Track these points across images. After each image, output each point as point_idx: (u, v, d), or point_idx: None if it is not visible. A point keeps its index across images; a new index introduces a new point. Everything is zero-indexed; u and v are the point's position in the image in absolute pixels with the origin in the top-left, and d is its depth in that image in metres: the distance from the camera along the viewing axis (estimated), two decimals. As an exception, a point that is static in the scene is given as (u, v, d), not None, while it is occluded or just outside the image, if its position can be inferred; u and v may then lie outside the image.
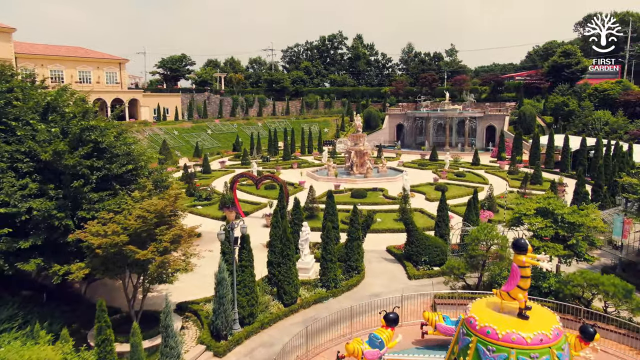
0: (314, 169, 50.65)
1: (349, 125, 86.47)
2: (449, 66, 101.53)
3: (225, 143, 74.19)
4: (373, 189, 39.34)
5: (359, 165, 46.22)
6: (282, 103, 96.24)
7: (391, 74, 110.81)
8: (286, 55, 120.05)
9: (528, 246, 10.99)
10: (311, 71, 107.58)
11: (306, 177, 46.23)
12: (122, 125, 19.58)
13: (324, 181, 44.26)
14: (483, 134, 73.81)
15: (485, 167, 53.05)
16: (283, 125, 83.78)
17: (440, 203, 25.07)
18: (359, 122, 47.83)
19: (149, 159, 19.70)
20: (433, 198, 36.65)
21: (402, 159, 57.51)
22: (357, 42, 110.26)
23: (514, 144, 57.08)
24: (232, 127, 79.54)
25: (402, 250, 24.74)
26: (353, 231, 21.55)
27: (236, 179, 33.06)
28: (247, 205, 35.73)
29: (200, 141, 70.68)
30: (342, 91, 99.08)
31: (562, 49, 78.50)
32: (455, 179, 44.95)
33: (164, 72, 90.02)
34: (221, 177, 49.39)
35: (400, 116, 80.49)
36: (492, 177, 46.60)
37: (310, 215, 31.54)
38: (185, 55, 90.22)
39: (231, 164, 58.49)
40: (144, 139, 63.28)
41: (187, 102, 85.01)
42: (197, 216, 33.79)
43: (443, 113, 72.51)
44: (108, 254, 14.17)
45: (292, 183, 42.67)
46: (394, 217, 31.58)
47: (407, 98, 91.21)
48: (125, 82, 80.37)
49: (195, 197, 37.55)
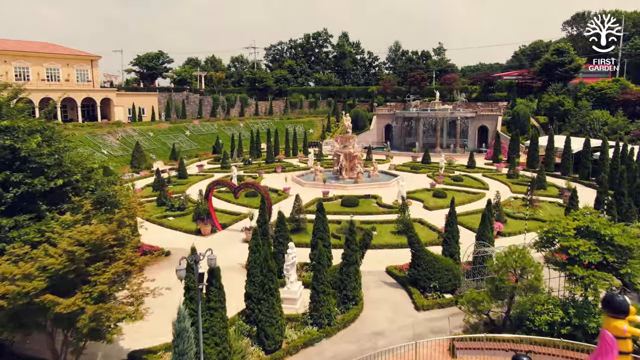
0: (300, 174, 46.82)
1: (335, 126, 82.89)
2: (437, 65, 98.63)
3: (205, 145, 69.86)
4: (365, 196, 35.66)
5: (348, 170, 42.53)
6: (265, 103, 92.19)
7: (378, 73, 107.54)
8: (269, 53, 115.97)
9: (630, 306, 7.32)
10: (295, 70, 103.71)
11: (291, 183, 42.37)
12: (55, 127, 15.28)
13: (310, 187, 40.47)
14: (475, 135, 70.87)
15: (481, 170, 49.85)
16: (266, 126, 79.81)
17: (449, 216, 21.49)
18: (348, 123, 44.11)
19: (95, 170, 15.51)
20: (432, 206, 33.11)
21: (393, 161, 53.96)
22: (343, 40, 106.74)
23: (511, 146, 54.05)
24: (212, 128, 75.23)
25: (405, 272, 21.10)
26: (349, 254, 17.78)
27: (212, 186, 29.03)
28: (224, 216, 31.71)
29: (178, 143, 66.28)
30: (327, 90, 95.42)
31: (555, 47, 76.10)
32: (453, 183, 41.55)
33: (140, 70, 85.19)
34: (198, 182, 45.24)
35: (388, 116, 77.13)
36: (491, 181, 43.33)
37: (296, 228, 27.73)
38: (162, 52, 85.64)
39: (210, 168, 54.35)
40: (115, 140, 58.74)
41: (165, 102, 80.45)
42: (168, 229, 29.72)
43: (433, 113, 69.33)
44: (16, 306, 10.13)
45: (276, 190, 38.77)
46: (392, 229, 27.96)
47: (395, 98, 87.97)
48: (97, 80, 75.45)
49: (167, 206, 33.38)
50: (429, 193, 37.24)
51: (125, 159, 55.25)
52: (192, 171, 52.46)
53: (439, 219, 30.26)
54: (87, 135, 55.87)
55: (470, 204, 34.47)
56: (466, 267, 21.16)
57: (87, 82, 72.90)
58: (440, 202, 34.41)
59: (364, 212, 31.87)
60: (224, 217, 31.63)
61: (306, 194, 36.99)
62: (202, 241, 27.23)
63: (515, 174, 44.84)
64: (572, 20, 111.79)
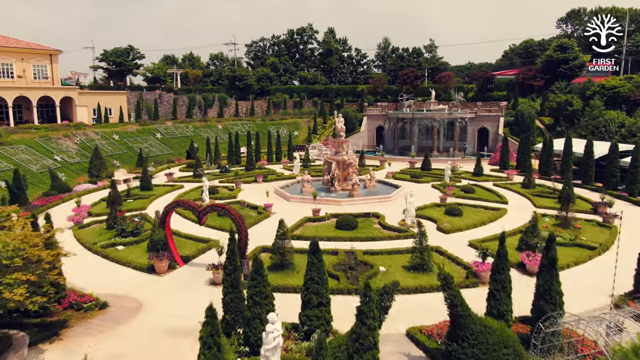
0: (284, 184, 40.20)
1: (322, 128, 76.47)
2: (429, 63, 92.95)
3: (178, 149, 62.82)
4: (365, 214, 29.24)
5: (341, 180, 36.14)
6: (246, 103, 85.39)
7: (367, 71, 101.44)
8: (250, 50, 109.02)
9: None
10: (278, 68, 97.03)
11: (274, 197, 35.78)
12: None
13: (297, 202, 33.94)
14: (474, 138, 65.22)
15: (490, 178, 43.91)
16: (247, 127, 73.00)
17: (498, 258, 15.16)
18: (340, 125, 37.58)
19: None
20: (448, 228, 26.86)
21: (390, 168, 47.68)
22: (329, 37, 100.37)
23: (521, 150, 48.40)
24: (187, 130, 68.14)
25: (436, 339, 14.80)
26: (364, 334, 11.31)
27: (170, 209, 22.25)
28: (188, 245, 24.97)
29: (147, 147, 59.14)
30: (313, 90, 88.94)
31: (558, 43, 70.96)
32: (464, 196, 35.43)
33: (108, 67, 77.59)
34: (165, 195, 38.41)
35: (380, 117, 71.05)
36: (506, 192, 37.35)
37: (280, 263, 21.20)
38: (132, 47, 78.08)
39: (181, 177, 47.41)
40: (72, 145, 51.35)
41: (135, 102, 73.07)
42: (114, 264, 22.87)
43: (430, 114, 63.43)
44: None
45: (256, 206, 32.09)
46: (404, 263, 21.62)
47: (386, 97, 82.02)
48: (57, 77, 67.70)
49: (117, 230, 26.49)
50: (440, 210, 31.00)
51: (82, 166, 47.99)
52: (160, 180, 45.51)
53: (460, 246, 24.08)
54: (38, 139, 48.44)
55: (492, 223, 28.38)
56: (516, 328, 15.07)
57: (45, 79, 65.17)
58: (456, 222, 28.21)
59: (365, 236, 25.45)
60: (188, 245, 24.89)
61: (292, 211, 30.55)
62: (155, 283, 20.54)
63: (531, 183, 38.97)
64: (567, 18, 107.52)
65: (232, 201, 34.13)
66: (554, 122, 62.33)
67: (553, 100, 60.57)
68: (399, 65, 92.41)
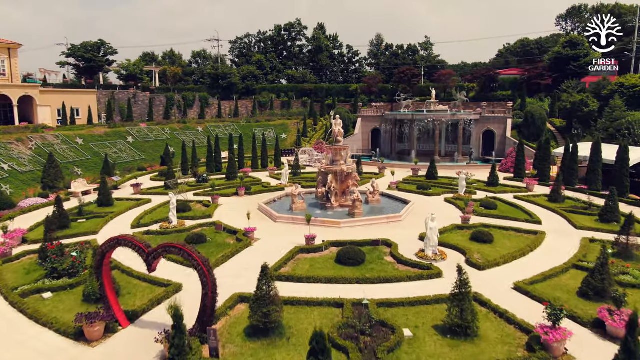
0: (270, 199, 33.84)
1: (313, 130, 70.37)
2: (425, 61, 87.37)
3: (152, 154, 56.18)
4: (372, 242, 23.11)
5: (339, 194, 30.02)
6: (229, 103, 78.93)
7: (359, 69, 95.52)
8: (235, 47, 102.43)
9: None
10: (265, 66, 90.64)
11: (258, 216, 29.50)
12: None
13: (286, 223, 27.68)
14: (479, 141, 59.65)
15: (508, 189, 38.10)
16: (230, 130, 66.61)
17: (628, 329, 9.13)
18: (338, 128, 31.34)
19: None
20: (482, 262, 20.82)
21: (394, 177, 41.51)
22: (319, 33, 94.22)
23: (540, 156, 42.78)
24: (163, 133, 61.50)
25: None
26: None
27: (107, 250, 15.80)
28: (140, 291, 18.55)
29: (115, 152, 52.47)
30: (302, 89, 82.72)
31: (567, 39, 65.80)
32: (486, 213, 29.52)
33: (77, 63, 70.50)
34: (127, 212, 31.89)
35: (376, 119, 65.15)
36: (534, 208, 31.56)
37: (263, 327, 14.95)
38: (103, 41, 70.90)
39: (152, 187, 40.83)
40: (26, 151, 44.49)
41: (106, 102, 66.14)
42: (31, 323, 16.43)
43: (431, 115, 57.63)
44: None
45: (235, 230, 25.71)
46: (436, 321, 15.59)
47: (381, 97, 76.16)
48: (17, 73, 60.61)
49: (46, 269, 19.98)
50: (465, 234, 25.02)
51: (35, 175, 41.18)
52: (125, 193, 38.95)
53: (502, 290, 18.18)
54: (-17, 143, 41.56)
55: (532, 253, 22.46)
56: None
57: (2, 76, 58.08)
58: (489, 252, 22.28)
59: (377, 276, 19.31)
60: (140, 291, 18.52)
61: (280, 237, 24.42)
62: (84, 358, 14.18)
63: (560, 196, 33.26)
64: (567, 15, 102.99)
65: (206, 222, 27.81)
66: (566, 125, 57.03)
67: (566, 100, 55.22)
68: (394, 63, 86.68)
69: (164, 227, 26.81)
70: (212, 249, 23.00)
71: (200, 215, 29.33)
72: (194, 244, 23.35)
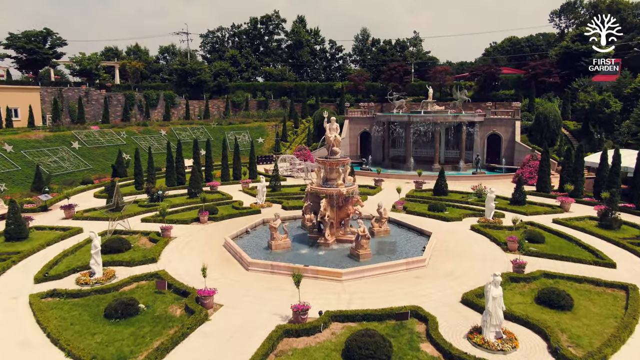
0: (241, 232, 25.17)
1: (294, 134, 62.16)
2: (415, 57, 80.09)
3: (102, 164, 47.04)
4: (396, 314, 14.92)
5: (336, 226, 21.89)
6: (199, 103, 70.01)
7: (343, 66, 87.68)
8: (207, 41, 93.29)
9: None
10: (239, 62, 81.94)
11: (222, 260, 21.08)
12: None
13: (262, 272, 19.28)
14: (484, 146, 52.44)
15: (540, 209, 30.59)
16: (199, 133, 57.90)
17: None
18: (334, 135, 22.62)
19: None
20: (582, 355, 12.94)
21: (397, 195, 33.30)
22: (299, 26, 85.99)
23: (569, 166, 35.48)
24: (118, 138, 52.34)
25: None
26: None
27: None
28: None
29: (55, 162, 43.28)
30: (281, 87, 74.33)
31: (577, 32, 59.22)
32: (537, 251, 21.77)
33: (18, 56, 60.68)
34: (40, 251, 22.97)
35: (365, 121, 57.39)
36: (588, 238, 24.04)
37: None
38: (50, 31, 60.96)
39: (91, 209, 31.70)
40: None
41: (52, 101, 56.49)
42: None
43: (431, 116, 50.17)
44: None
45: (185, 291, 17.03)
46: None
47: (369, 96, 68.40)
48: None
49: None
50: (525, 292, 17.14)
51: (-62, 194, 31.91)
52: (55, 217, 29.94)
53: None
54: None
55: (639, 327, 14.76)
56: None
57: None
58: (571, 324, 14.56)
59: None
60: None
61: (254, 303, 16.22)
62: None
63: (616, 221, 25.90)
64: (561, 11, 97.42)
65: (146, 272, 19.16)
66: (581, 128, 50.27)
67: (584, 100, 48.39)
68: (381, 59, 79.07)
69: (82, 281, 18.24)
70: (145, 328, 14.60)
71: (139, 260, 20.69)
72: (118, 318, 14.90)
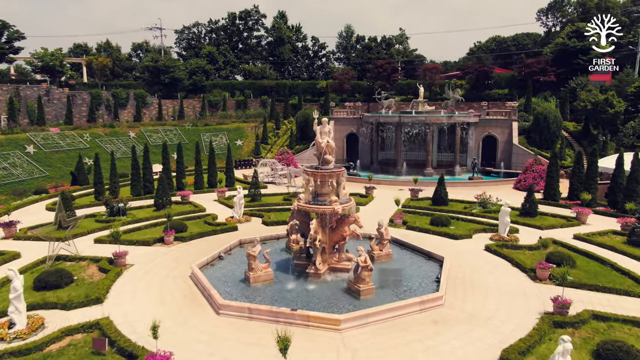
0: (212, 257, 20.84)
1: (275, 135, 57.97)
2: (401, 55, 76.65)
3: (60, 170, 42.16)
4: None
5: (329, 250, 17.84)
6: (173, 102, 65.24)
7: (326, 64, 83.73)
8: (182, 37, 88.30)
9: None
10: (217, 59, 77.28)
11: (188, 297, 16.86)
12: None
13: (237, 318, 14.90)
14: (478, 149, 49.13)
15: (555, 222, 27.09)
16: (172, 135, 53.31)
17: None
18: (325, 140, 18.26)
19: None
20: None
21: (394, 205, 29.45)
22: (279, 22, 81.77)
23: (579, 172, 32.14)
24: (81, 141, 47.38)
25: None
26: None
27: None
28: None
29: (5, 168, 38.27)
30: (261, 86, 70.01)
31: (573, 28, 56.44)
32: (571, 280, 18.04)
33: (-30, 51, 55.03)
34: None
35: (352, 122, 53.55)
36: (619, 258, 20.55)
37: None
38: (5, 23, 55.30)
39: (39, 225, 26.91)
40: None
41: (8, 99, 51.11)
42: None
43: (423, 117, 46.57)
44: None
45: (133, 354, 12.63)
46: None
47: (355, 96, 64.63)
48: None
49: None
50: (577, 343, 13.37)
51: None
52: (-11, 238, 25.17)
53: None
54: None
55: None
56: None
57: None
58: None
59: None
60: None
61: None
62: None
63: (647, 236, 22.50)
64: (549, 9, 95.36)
65: (87, 321, 14.65)
66: (582, 129, 47.34)
67: (586, 99, 45.40)
68: (366, 57, 75.39)
69: (-1, 335, 13.76)
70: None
71: (79, 301, 16.17)
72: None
